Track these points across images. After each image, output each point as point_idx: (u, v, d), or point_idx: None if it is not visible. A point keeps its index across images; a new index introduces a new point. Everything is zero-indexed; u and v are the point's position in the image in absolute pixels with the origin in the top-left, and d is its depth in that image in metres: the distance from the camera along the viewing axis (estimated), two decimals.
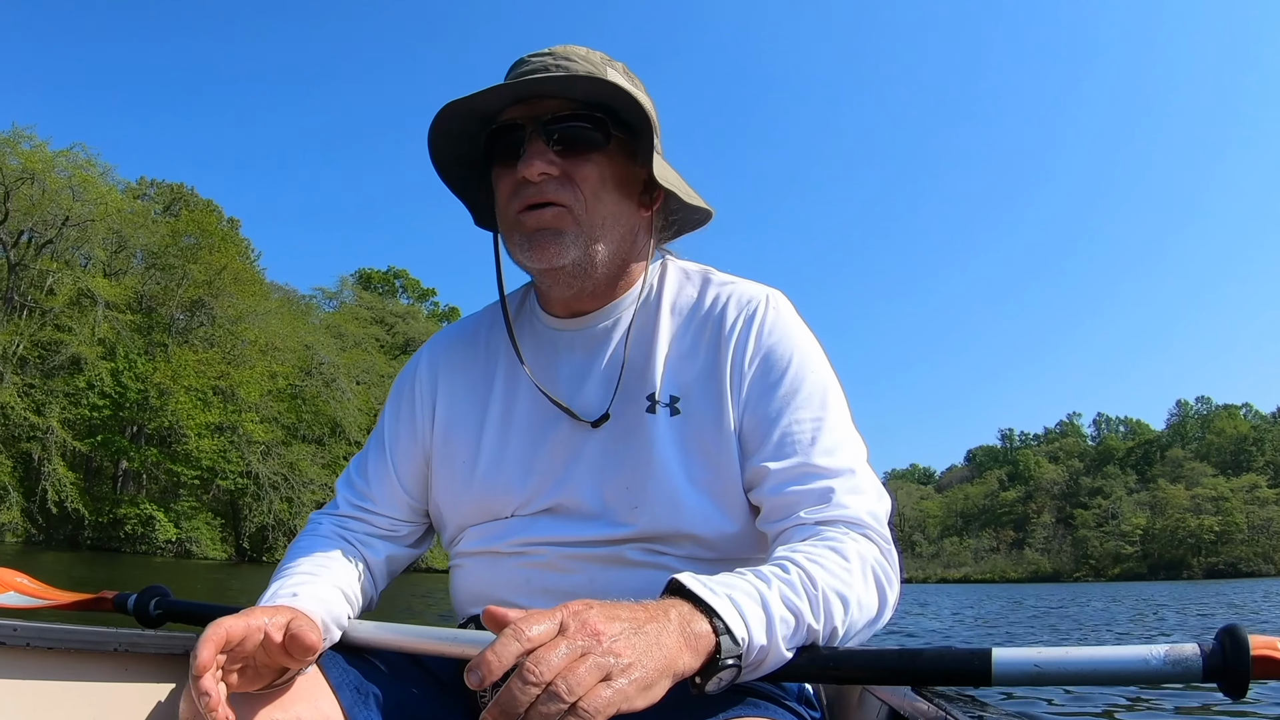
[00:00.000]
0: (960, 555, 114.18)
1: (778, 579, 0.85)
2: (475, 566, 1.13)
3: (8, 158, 33.76)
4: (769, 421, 1.02)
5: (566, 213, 1.03)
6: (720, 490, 1.04)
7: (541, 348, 1.14)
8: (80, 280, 35.94)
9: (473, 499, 1.12)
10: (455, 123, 1.05)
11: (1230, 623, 0.81)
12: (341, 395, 42.69)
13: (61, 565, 17.98)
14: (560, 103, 1.02)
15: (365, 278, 70.28)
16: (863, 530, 0.96)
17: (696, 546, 1.04)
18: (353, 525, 1.18)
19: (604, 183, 1.04)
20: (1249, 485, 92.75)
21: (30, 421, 33.73)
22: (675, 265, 1.17)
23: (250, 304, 41.49)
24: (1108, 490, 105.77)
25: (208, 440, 37.93)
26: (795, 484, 0.99)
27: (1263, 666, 0.78)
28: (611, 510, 1.05)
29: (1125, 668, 0.80)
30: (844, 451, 1.01)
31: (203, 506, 39.78)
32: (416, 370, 1.23)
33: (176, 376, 36.97)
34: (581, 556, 1.05)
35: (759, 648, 0.80)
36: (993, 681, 0.83)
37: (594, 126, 1.03)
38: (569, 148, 1.03)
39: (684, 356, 1.08)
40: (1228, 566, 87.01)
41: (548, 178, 1.02)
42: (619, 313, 1.12)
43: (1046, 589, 51.13)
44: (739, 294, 1.10)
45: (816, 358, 1.07)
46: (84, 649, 1.17)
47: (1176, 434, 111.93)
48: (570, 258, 1.03)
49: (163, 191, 48.69)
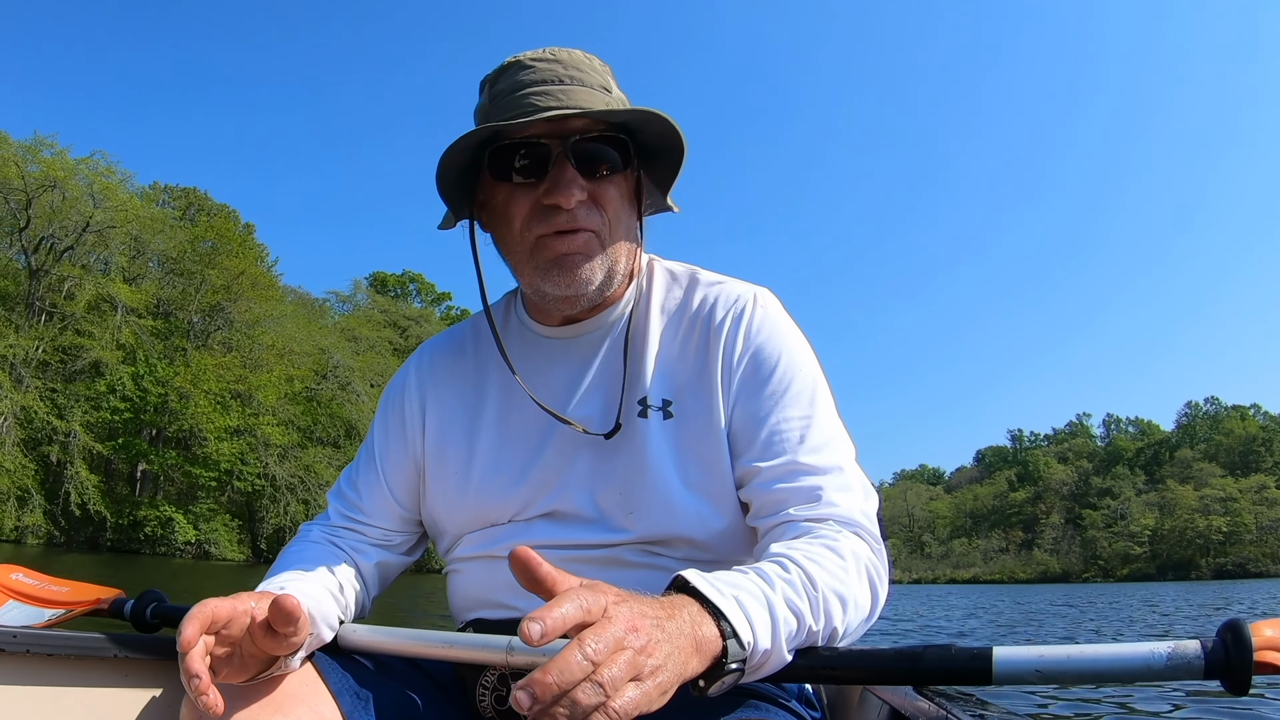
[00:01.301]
0: (969, 556, 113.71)
1: (781, 579, 0.84)
2: (472, 571, 1.11)
3: (28, 165, 34.10)
4: (758, 420, 1.01)
5: (594, 238, 1.01)
6: (715, 492, 1.02)
7: (533, 356, 1.13)
8: (102, 286, 36.27)
9: (469, 506, 1.11)
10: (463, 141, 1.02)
11: (1233, 618, 0.79)
12: (356, 398, 42.86)
13: (85, 567, 18.11)
14: (588, 122, 1.00)
15: (380, 281, 70.29)
16: (854, 529, 0.95)
17: (693, 549, 1.03)
18: (344, 535, 1.17)
19: (623, 203, 1.04)
20: (1257, 486, 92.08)
21: (53, 425, 34.03)
22: (661, 266, 1.16)
23: (267, 308, 41.80)
24: (1117, 491, 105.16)
25: (227, 443, 38.17)
26: (784, 481, 0.98)
27: (1266, 664, 0.76)
28: (608, 516, 1.04)
29: (1127, 666, 0.78)
30: (832, 449, 1.00)
31: (220, 508, 40.04)
32: (405, 382, 1.21)
33: (197, 381, 37.25)
34: (579, 560, 1.03)
35: (763, 651, 0.79)
36: (994, 681, 0.82)
37: (618, 149, 1.01)
38: (595, 170, 1.00)
39: (674, 359, 1.07)
40: (1236, 567, 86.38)
41: (580, 204, 0.99)
42: (613, 319, 1.11)
43: (1055, 589, 50.86)
44: (726, 293, 1.09)
45: (805, 356, 1.06)
46: (82, 655, 1.16)
47: (1186, 434, 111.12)
48: (597, 281, 1.03)
49: (177, 196, 49.03)
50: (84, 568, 18.07)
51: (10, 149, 34.11)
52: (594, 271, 1.01)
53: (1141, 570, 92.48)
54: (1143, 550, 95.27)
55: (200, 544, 37.55)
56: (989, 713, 0.87)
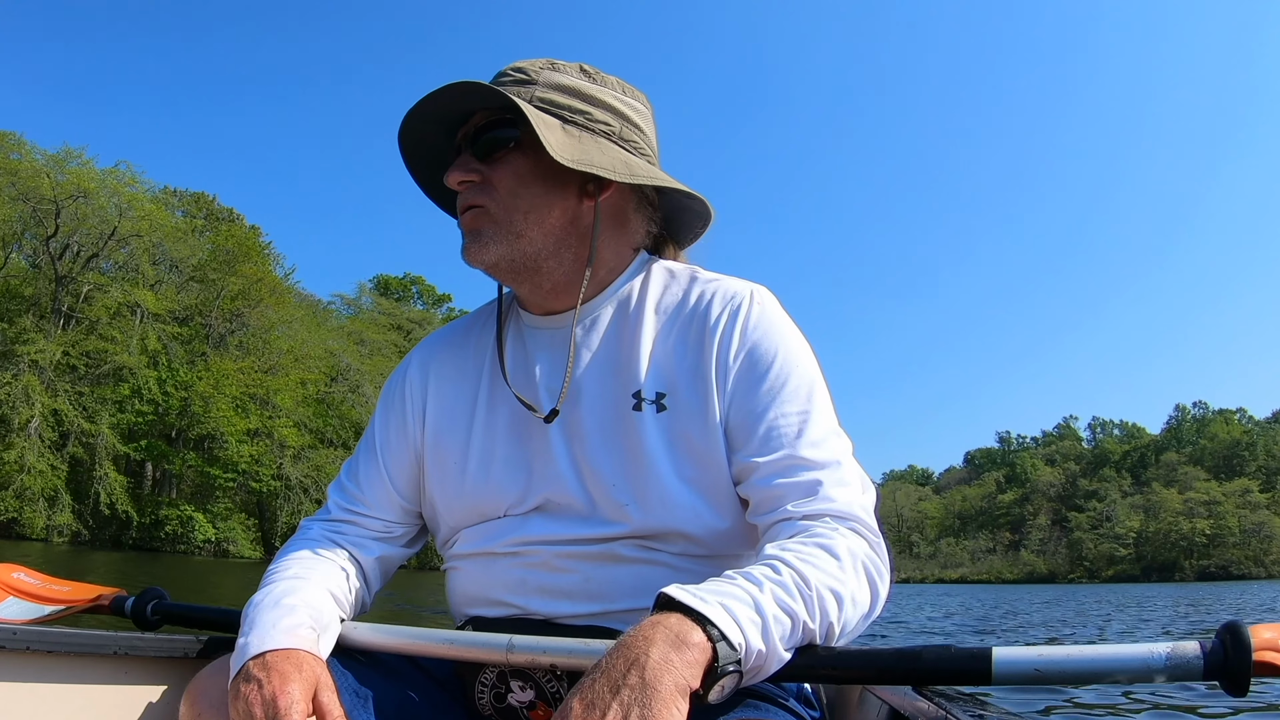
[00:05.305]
0: (957, 556, 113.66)
1: (769, 580, 0.81)
2: (470, 568, 1.09)
3: (57, 175, 34.35)
4: (755, 416, 0.98)
5: (483, 212, 1.04)
6: (709, 486, 1.00)
7: (522, 347, 1.12)
8: (127, 293, 36.49)
9: (464, 500, 1.09)
10: (424, 153, 1.11)
11: (1232, 619, 0.77)
12: (366, 401, 43.01)
13: (112, 565, 18.20)
14: (482, 115, 1.05)
15: (383, 284, 70.16)
16: (851, 524, 0.93)
17: (689, 543, 1.00)
18: (345, 529, 1.14)
19: (520, 178, 1.03)
20: (1241, 490, 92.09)
21: (81, 427, 34.21)
22: (660, 264, 1.14)
23: (282, 313, 42.04)
24: (1103, 493, 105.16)
25: (246, 445, 38.32)
26: (782, 477, 0.95)
27: (1265, 666, 0.75)
28: (602, 508, 1.01)
29: (1126, 667, 0.77)
30: (830, 444, 0.98)
31: (236, 507, 40.17)
32: (406, 373, 1.19)
33: (219, 385, 37.42)
34: (575, 555, 1.01)
35: (757, 652, 0.76)
36: (993, 681, 0.80)
37: (508, 128, 1.03)
38: (487, 153, 1.04)
39: (669, 353, 1.04)
40: (1219, 569, 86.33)
41: (470, 185, 1.04)
42: (596, 310, 1.09)
43: (1041, 590, 50.77)
44: (723, 290, 1.06)
45: (802, 352, 1.04)
46: (83, 652, 1.14)
47: (1172, 438, 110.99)
48: (495, 254, 1.03)
49: (186, 201, 48.73)
50: (114, 565, 18.24)
51: (39, 159, 34.43)
52: (485, 244, 1.03)
53: (1126, 572, 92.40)
54: (1128, 552, 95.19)
55: (218, 542, 37.68)
56: (988, 713, 0.86)
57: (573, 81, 1.06)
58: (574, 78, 1.06)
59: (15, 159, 34.12)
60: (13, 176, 33.64)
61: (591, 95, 1.05)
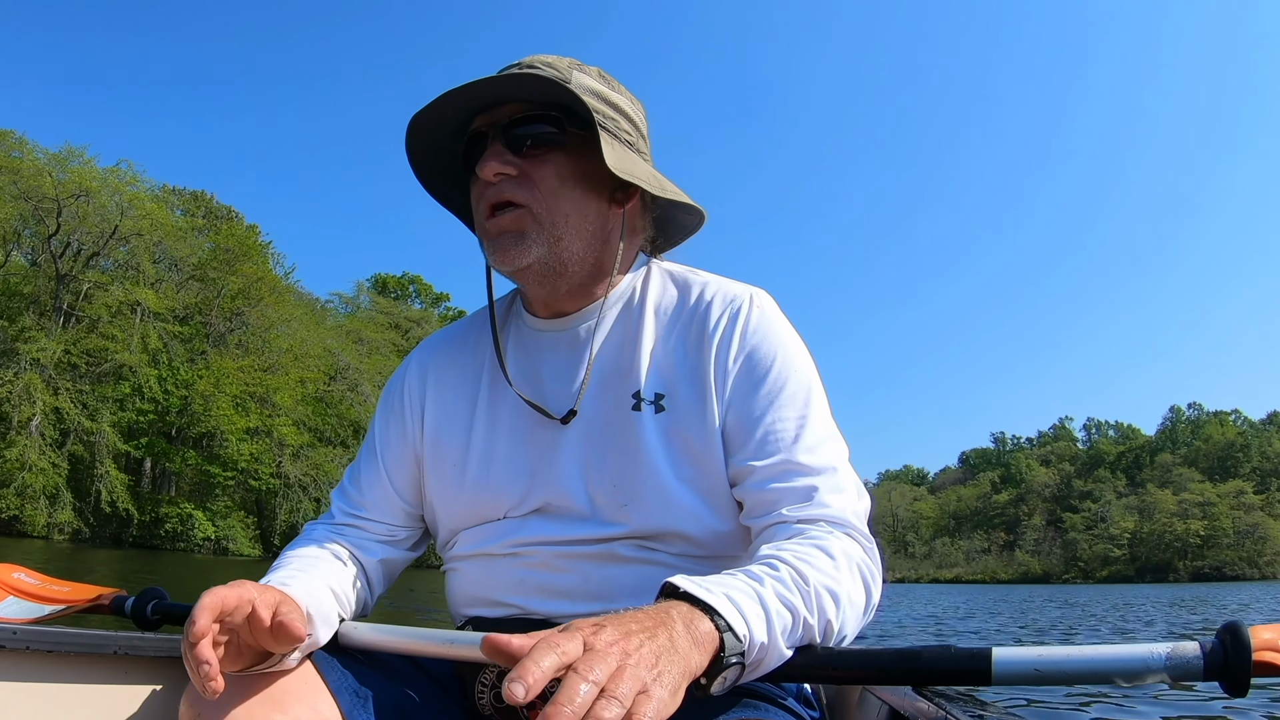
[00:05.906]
0: (952, 556, 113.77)
1: (770, 576, 0.81)
2: (470, 569, 1.08)
3: (58, 174, 34.30)
4: (752, 419, 0.98)
5: (526, 213, 1.00)
6: (707, 487, 0.99)
7: (525, 349, 1.11)
8: (129, 292, 36.44)
9: (464, 502, 1.08)
10: (431, 139, 1.04)
11: (1232, 620, 0.77)
12: (364, 399, 42.98)
13: (113, 562, 18.18)
14: (517, 106, 1.00)
15: (381, 283, 70.01)
16: (845, 529, 0.93)
17: (687, 544, 1.00)
18: (347, 532, 1.13)
19: (563, 180, 1.01)
20: (1235, 491, 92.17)
21: (82, 425, 34.16)
22: (659, 267, 1.14)
23: (281, 312, 41.98)
24: (1098, 494, 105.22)
25: (246, 444, 38.28)
26: (777, 481, 0.95)
27: (1265, 666, 0.75)
28: (602, 509, 1.01)
29: (1126, 667, 0.76)
30: (826, 450, 0.97)
31: (235, 505, 40.13)
32: (405, 375, 1.19)
33: (219, 383, 37.38)
34: (575, 555, 1.00)
35: (760, 644, 0.76)
36: (993, 681, 0.79)
37: (550, 125, 1.00)
38: (527, 147, 1.00)
39: (669, 355, 1.04)
40: (1213, 570, 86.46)
41: (505, 178, 0.99)
42: (602, 313, 1.08)
43: (1036, 590, 50.81)
44: (723, 293, 1.06)
45: (800, 356, 1.03)
46: (83, 652, 1.13)
47: (1166, 439, 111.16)
48: (534, 257, 1.00)
49: (185, 199, 48.64)
50: (114, 562, 18.19)
51: (40, 158, 34.40)
52: (528, 246, 0.99)
53: (1121, 572, 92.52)
54: (1122, 553, 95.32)
55: (218, 540, 37.65)
56: (987, 713, 0.86)
57: (600, 86, 1.05)
58: (598, 82, 1.05)
59: (17, 157, 34.15)
60: (14, 175, 33.66)
61: (614, 101, 1.04)
